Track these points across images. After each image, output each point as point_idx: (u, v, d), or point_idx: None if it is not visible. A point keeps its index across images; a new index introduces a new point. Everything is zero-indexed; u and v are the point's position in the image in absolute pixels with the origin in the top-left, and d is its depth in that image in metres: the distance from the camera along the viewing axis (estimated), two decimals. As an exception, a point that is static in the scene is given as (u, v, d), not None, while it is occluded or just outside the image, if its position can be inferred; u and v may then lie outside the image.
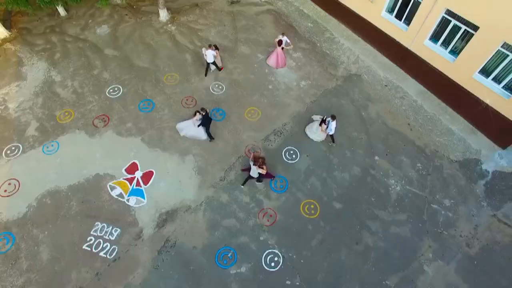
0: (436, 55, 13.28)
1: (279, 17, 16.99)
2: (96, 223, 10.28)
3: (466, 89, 12.77)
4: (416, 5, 13.22)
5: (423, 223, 10.83)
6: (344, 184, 11.63)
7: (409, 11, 13.67)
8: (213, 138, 12.23)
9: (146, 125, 12.65)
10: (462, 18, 11.87)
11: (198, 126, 11.81)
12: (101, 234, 10.09)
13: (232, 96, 13.76)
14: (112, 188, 11.04)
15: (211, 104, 13.42)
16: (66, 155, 11.60)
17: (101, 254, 9.75)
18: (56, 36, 15.23)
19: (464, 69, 12.50)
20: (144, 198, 10.93)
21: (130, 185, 11.18)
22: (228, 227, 10.50)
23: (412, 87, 14.42)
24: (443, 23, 12.68)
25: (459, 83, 12.93)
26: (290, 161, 12.05)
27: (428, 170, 12.08)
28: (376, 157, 12.34)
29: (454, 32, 12.49)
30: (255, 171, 10.32)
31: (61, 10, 15.70)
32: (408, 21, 13.91)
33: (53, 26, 15.62)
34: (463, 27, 12.06)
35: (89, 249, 9.80)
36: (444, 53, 13.11)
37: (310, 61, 15.22)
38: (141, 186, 11.17)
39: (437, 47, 13.28)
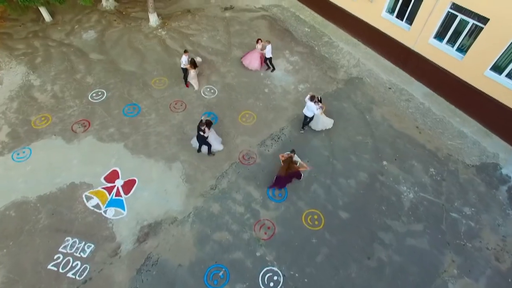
0: (442, 54, 12.46)
1: (275, 22, 16.35)
2: (66, 238, 8.88)
3: (477, 88, 11.83)
4: (418, 2, 12.55)
5: (442, 234, 9.49)
6: (351, 192, 10.37)
7: (410, 9, 13.00)
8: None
9: (130, 130, 11.52)
10: (470, 11, 11.14)
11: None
12: (71, 251, 8.66)
13: (225, 100, 12.74)
14: (88, 199, 9.72)
15: (202, 108, 12.38)
16: (39, 162, 10.36)
17: (69, 274, 8.28)
18: (38, 41, 14.39)
19: (474, 67, 11.62)
20: (124, 209, 9.60)
21: (109, 194, 9.87)
22: (219, 241, 9.12)
23: (417, 90, 13.51)
24: (449, 19, 11.94)
25: (469, 82, 12.01)
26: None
27: (442, 175, 10.87)
28: (384, 162, 11.17)
29: (461, 27, 11.72)
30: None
31: (45, 15, 14.97)
32: (410, 21, 13.22)
33: (37, 31, 14.82)
34: (471, 21, 11.29)
35: (56, 268, 8.34)
36: (451, 51, 12.30)
37: (308, 65, 14.38)
38: (121, 196, 9.87)
39: (443, 45, 12.48)
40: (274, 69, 13.90)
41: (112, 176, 10.28)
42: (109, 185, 10.08)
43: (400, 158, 11.29)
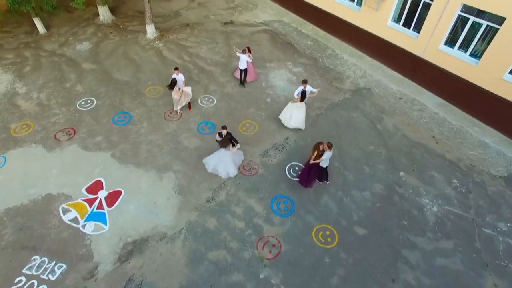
0: (454, 60, 11.74)
1: (276, 36, 15.89)
2: (33, 258, 7.49)
3: (495, 94, 10.97)
4: (426, 8, 12.06)
5: (477, 253, 8.10)
6: (366, 205, 9.10)
7: (418, 16, 12.48)
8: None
9: (119, 138, 10.46)
10: (483, 12, 10.56)
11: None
12: (37, 273, 7.23)
13: (223, 109, 11.82)
14: (65, 211, 8.44)
15: (199, 117, 11.41)
16: (12, 172, 9.19)
17: (32, 301, 6.83)
18: (29, 51, 13.75)
19: (491, 71, 10.84)
20: (105, 224, 8.28)
21: (90, 207, 8.59)
22: (215, 261, 7.72)
23: (429, 100, 12.65)
24: (460, 22, 11.35)
25: (486, 88, 11.18)
26: (295, 179, 9.65)
27: (467, 187, 9.66)
28: (402, 173, 10.00)
29: (474, 31, 11.09)
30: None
31: (40, 27, 14.49)
32: (417, 28, 12.67)
33: (29, 42, 14.25)
34: (485, 23, 10.67)
35: (16, 294, 6.90)
36: (464, 56, 11.59)
37: (312, 75, 13.64)
38: (103, 209, 8.58)
39: (455, 51, 11.80)
40: (243, 82, 12.88)
41: (95, 187, 9.06)
42: (90, 196, 8.84)
43: (418, 169, 10.14)
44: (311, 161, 8.76)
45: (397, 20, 13.33)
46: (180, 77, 11.09)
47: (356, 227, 8.58)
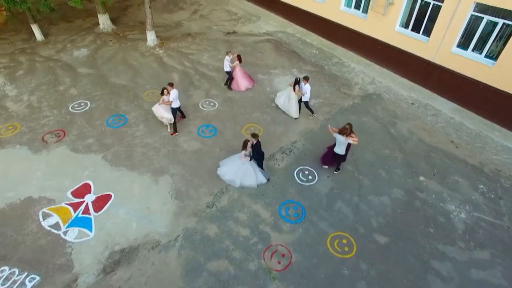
0: (469, 62, 11.15)
1: (280, 45, 15.50)
2: (1, 268, 6.42)
3: (517, 96, 10.28)
4: (436, 10, 11.67)
5: (518, 264, 7.02)
6: (385, 211, 8.11)
7: (427, 19, 12.06)
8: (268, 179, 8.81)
9: (112, 141, 9.64)
10: (498, 9, 10.08)
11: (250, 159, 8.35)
12: (3, 287, 6.14)
13: (226, 113, 11.08)
14: (46, 216, 7.44)
15: (199, 120, 10.66)
16: (-9, 173, 8.29)
17: (-4, 318, 5.71)
18: (24, 56, 13.26)
19: (510, 72, 10.21)
20: (91, 230, 7.26)
21: (74, 212, 7.61)
22: (216, 272, 6.64)
23: (444, 105, 11.95)
24: (473, 23, 10.88)
25: (505, 90, 10.50)
26: (305, 183, 8.73)
27: (496, 192, 8.70)
28: (421, 178, 9.07)
29: (489, 30, 10.59)
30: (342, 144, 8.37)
31: (37, 34, 14.11)
32: (427, 32, 12.21)
33: (25, 48, 13.80)
34: (501, 21, 10.18)
35: (-22, 309, 5.80)
36: (479, 58, 11.01)
37: (319, 82, 13.04)
38: (89, 214, 7.59)
39: (469, 53, 11.25)
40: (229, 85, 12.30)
41: (82, 191, 8.12)
42: (76, 200, 7.88)
43: (439, 174, 9.22)
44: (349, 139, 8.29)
45: (405, 25, 12.94)
46: (172, 94, 9.42)
47: (376, 234, 7.54)
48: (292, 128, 10.60)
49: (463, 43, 11.36)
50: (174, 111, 9.76)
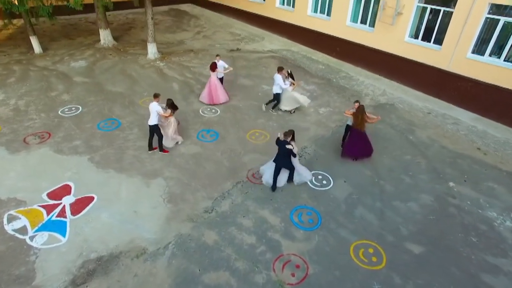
0: (488, 67, 10.48)
1: (285, 61, 15.06)
2: None
3: (545, 99, 9.44)
4: (447, 16, 11.26)
5: None
6: (416, 218, 6.87)
7: (439, 26, 11.62)
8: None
9: (102, 143, 8.66)
10: (517, 9, 9.61)
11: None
12: None
13: (228, 119, 10.21)
14: (12, 219, 6.24)
15: (199, 125, 9.76)
16: (-43, 173, 7.20)
17: None
18: (19, 66, 12.73)
19: (536, 73, 9.49)
20: (64, 235, 6.02)
21: (47, 214, 6.41)
22: (214, 285, 5.30)
23: (462, 114, 11.10)
24: (488, 26, 10.38)
25: (531, 93, 9.70)
26: (319, 188, 7.58)
27: (541, 199, 7.51)
28: (451, 183, 7.92)
29: (507, 32, 10.05)
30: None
31: (36, 47, 13.73)
32: (439, 40, 11.72)
33: (21, 60, 13.32)
34: (520, 22, 9.66)
35: None
36: (499, 62, 10.36)
37: (327, 93, 12.33)
38: (65, 217, 6.39)
39: (486, 58, 10.62)
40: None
41: (60, 192, 6.97)
42: (51, 202, 6.71)
43: (470, 180, 8.09)
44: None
45: (415, 36, 12.51)
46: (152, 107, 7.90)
47: (408, 243, 6.25)
48: (302, 135, 9.62)
49: (479, 49, 10.79)
50: (155, 128, 8.11)
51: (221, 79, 11.22)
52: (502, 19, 10.00)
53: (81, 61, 13.55)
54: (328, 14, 15.35)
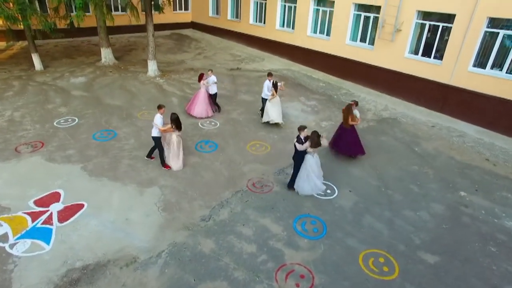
0: (491, 80, 10.40)
1: (285, 80, 15.04)
2: None
3: (552, 109, 9.24)
4: (446, 31, 11.35)
5: None
6: (428, 227, 6.41)
7: (438, 42, 11.69)
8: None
9: (96, 152, 8.34)
10: (515, 21, 9.67)
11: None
12: None
13: (228, 132, 9.96)
14: (-6, 226, 5.80)
15: (198, 138, 9.47)
16: None
17: None
18: (18, 81, 12.67)
19: (540, 84, 9.37)
20: (48, 243, 5.55)
21: (32, 222, 5.97)
22: (210, 297, 4.79)
23: (467, 128, 10.87)
24: (488, 39, 10.41)
25: (537, 104, 9.53)
26: (323, 197, 7.17)
27: (558, 209, 7.07)
28: (462, 193, 7.52)
29: (508, 45, 10.06)
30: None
31: (37, 64, 13.76)
32: (439, 55, 11.75)
33: (21, 76, 13.29)
34: (520, 34, 9.69)
35: None
36: (501, 75, 10.28)
37: (328, 108, 12.18)
38: (51, 224, 5.94)
39: (489, 71, 10.56)
40: (220, 109, 11.12)
41: (49, 200, 6.56)
42: (38, 209, 6.28)
43: (482, 189, 7.69)
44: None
45: (415, 52, 12.58)
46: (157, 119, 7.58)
47: (421, 253, 5.76)
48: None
49: (480, 62, 10.76)
50: (155, 139, 7.78)
51: (214, 96, 10.90)
52: (502, 32, 10.06)
53: (81, 77, 13.53)
54: (328, 34, 15.57)
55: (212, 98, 10.87)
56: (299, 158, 7.06)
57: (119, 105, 11.21)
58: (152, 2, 12.51)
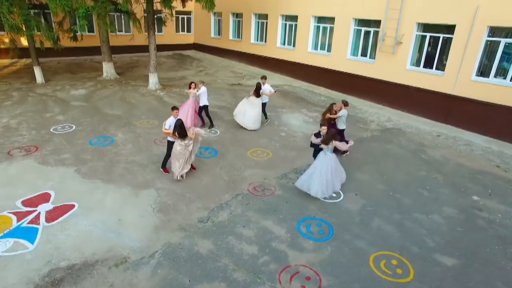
0: (495, 88, 10.26)
1: (286, 93, 15.02)
2: None
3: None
4: (447, 42, 11.37)
5: None
6: (442, 230, 5.98)
7: (439, 53, 11.69)
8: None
9: (92, 157, 8.04)
10: (517, 29, 9.68)
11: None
12: None
13: (228, 139, 9.71)
14: (-25, 225, 5.40)
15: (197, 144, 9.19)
16: None
17: None
18: (18, 92, 12.60)
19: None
20: (32, 242, 5.13)
21: (18, 221, 5.57)
22: (207, 298, 4.32)
23: (474, 138, 10.59)
24: (490, 48, 10.39)
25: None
26: (329, 200, 6.78)
27: None
28: (475, 197, 7.12)
29: (509, 53, 10.01)
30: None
31: (38, 77, 13.79)
32: (441, 66, 11.71)
33: (21, 88, 13.26)
34: (522, 41, 9.66)
35: None
36: (505, 82, 10.17)
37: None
38: (37, 224, 5.54)
39: (492, 79, 10.46)
40: (212, 124, 10.51)
41: (38, 200, 6.19)
42: (25, 209, 5.90)
43: (496, 194, 7.30)
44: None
45: (416, 63, 12.57)
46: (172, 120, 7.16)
47: (437, 255, 5.31)
48: (308, 152, 8.88)
49: (483, 71, 10.68)
50: (169, 145, 7.25)
51: (204, 108, 10.32)
52: (503, 41, 10.05)
53: (81, 89, 13.49)
54: (329, 50, 15.70)
55: (200, 110, 10.32)
56: (315, 154, 7.23)
57: (118, 114, 11.04)
58: (155, 16, 12.70)
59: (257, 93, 10.17)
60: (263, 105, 10.67)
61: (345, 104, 8.75)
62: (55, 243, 5.16)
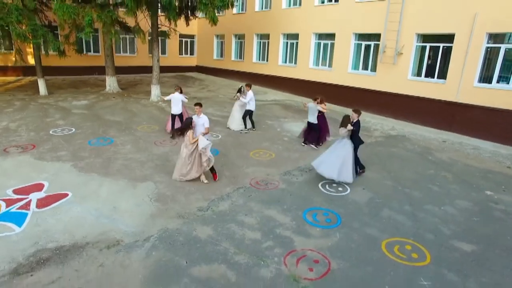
0: (499, 93, 10.20)
1: (288, 106, 15.03)
2: None
3: None
4: (447, 51, 11.48)
5: None
6: (457, 219, 5.61)
7: (440, 61, 11.77)
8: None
9: (89, 154, 7.82)
10: (516, 33, 9.78)
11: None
12: None
13: (230, 143, 9.52)
14: (-38, 210, 5.09)
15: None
16: None
17: None
18: (21, 102, 12.61)
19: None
20: (20, 225, 4.80)
21: (7, 207, 5.26)
22: (205, 278, 3.94)
23: (481, 143, 10.37)
24: (490, 54, 10.46)
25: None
26: (335, 193, 6.46)
27: None
28: (488, 192, 6.79)
29: (511, 58, 10.05)
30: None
31: (42, 89, 13.89)
32: (443, 75, 11.74)
33: (24, 98, 13.30)
34: (522, 45, 9.73)
35: None
36: (509, 87, 10.12)
37: (335, 127, 11.78)
38: (28, 209, 5.22)
39: (495, 85, 10.42)
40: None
41: (30, 189, 5.91)
42: (16, 197, 5.60)
43: (510, 189, 6.96)
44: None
45: (417, 73, 12.63)
46: (201, 120, 6.95)
47: (454, 241, 4.93)
48: (311, 154, 8.75)
49: (485, 77, 10.68)
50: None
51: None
52: (503, 46, 10.12)
53: (84, 101, 13.53)
54: (330, 65, 15.91)
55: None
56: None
57: (119, 120, 10.96)
58: (159, 29, 13.01)
59: (239, 93, 10.77)
60: (250, 113, 10.69)
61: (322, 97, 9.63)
62: (44, 226, 4.82)
